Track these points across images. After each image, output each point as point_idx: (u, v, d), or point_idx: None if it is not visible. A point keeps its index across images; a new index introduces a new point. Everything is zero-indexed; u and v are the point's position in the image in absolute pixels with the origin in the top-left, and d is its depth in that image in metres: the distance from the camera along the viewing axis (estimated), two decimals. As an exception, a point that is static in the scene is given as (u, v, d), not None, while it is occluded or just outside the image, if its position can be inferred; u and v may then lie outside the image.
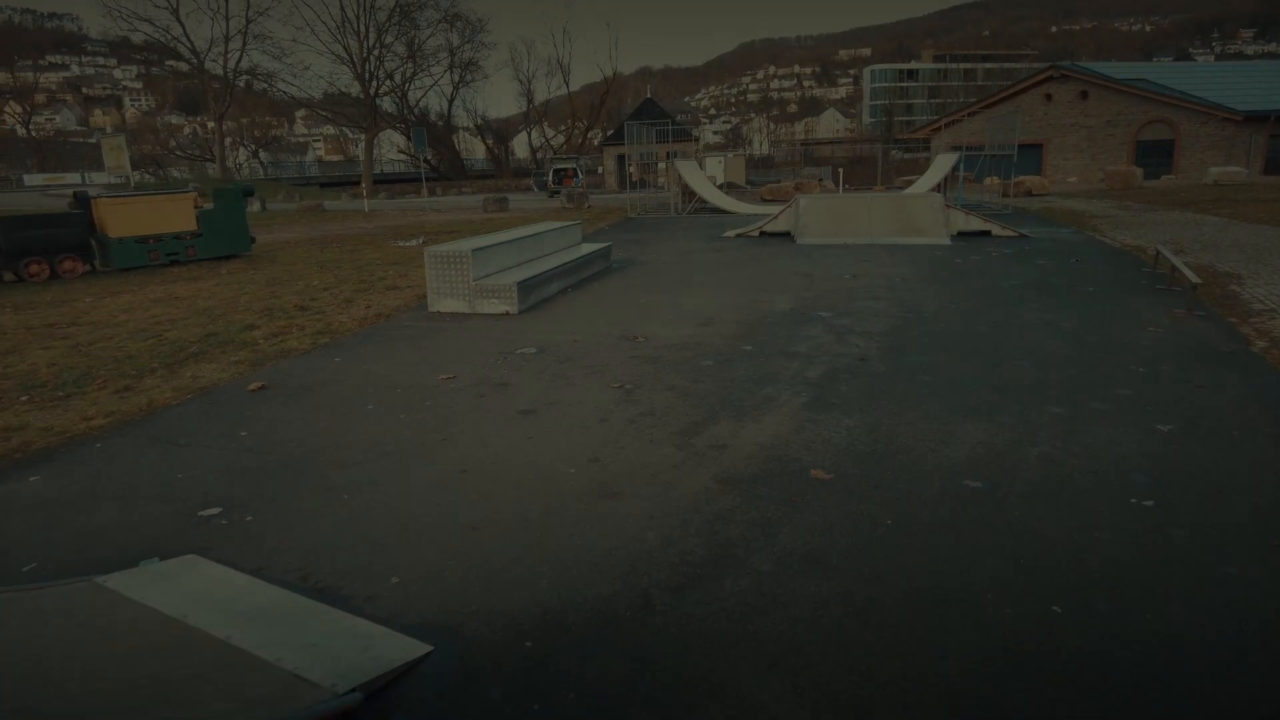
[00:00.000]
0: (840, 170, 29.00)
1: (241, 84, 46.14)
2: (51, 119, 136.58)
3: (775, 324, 7.14)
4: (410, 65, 49.95)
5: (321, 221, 23.91)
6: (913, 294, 8.49)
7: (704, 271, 10.60)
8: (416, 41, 48.59)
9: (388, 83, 49.07)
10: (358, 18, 46.31)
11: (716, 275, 10.22)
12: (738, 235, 15.28)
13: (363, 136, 49.50)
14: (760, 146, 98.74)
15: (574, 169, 35.03)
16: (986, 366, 5.60)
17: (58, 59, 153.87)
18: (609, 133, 45.95)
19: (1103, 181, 29.71)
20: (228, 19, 46.96)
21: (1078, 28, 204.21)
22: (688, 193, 22.57)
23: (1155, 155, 35.76)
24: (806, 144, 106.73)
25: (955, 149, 36.55)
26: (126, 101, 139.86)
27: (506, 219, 22.45)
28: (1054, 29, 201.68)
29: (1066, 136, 37.23)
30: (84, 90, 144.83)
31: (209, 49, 48.08)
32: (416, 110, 54.26)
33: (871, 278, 9.63)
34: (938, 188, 23.16)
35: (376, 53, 47.06)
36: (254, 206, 28.27)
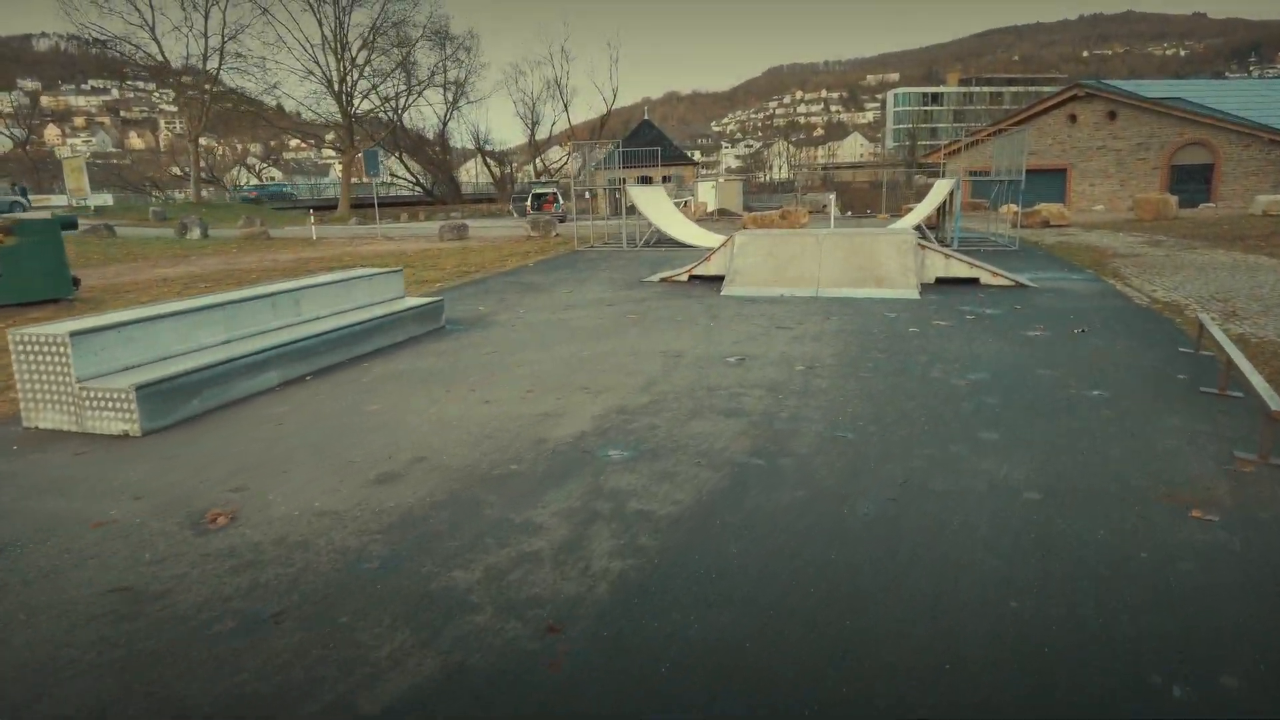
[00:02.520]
0: (832, 195, 25.65)
1: (217, 103, 44.42)
2: (89, 141, 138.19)
3: (508, 481, 3.94)
4: (399, 80, 47.75)
5: (246, 252, 21.17)
6: (803, 402, 5.22)
7: (546, 345, 7.41)
8: (407, 58, 46.44)
9: (373, 96, 46.94)
10: (334, 34, 44.25)
11: (553, 352, 7.03)
12: (662, 280, 12.09)
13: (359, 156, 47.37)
14: (779, 170, 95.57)
15: (554, 194, 32.14)
16: (810, 666, 2.34)
17: (100, 83, 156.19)
18: (602, 156, 43.18)
19: (1132, 210, 26.04)
20: (206, 36, 44.89)
21: (1109, 52, 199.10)
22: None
23: (1192, 181, 31.96)
24: (827, 168, 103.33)
25: (974, 174, 33.16)
26: (162, 124, 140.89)
27: (436, 251, 19.48)
28: (1085, 53, 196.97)
29: (1092, 160, 33.58)
30: (122, 113, 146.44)
31: (185, 62, 46.30)
32: (404, 129, 51.95)
33: (764, 364, 6.36)
34: (936, 215, 19.85)
35: (355, 74, 44.97)
36: (193, 233, 25.72)
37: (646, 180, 44.07)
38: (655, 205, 19.07)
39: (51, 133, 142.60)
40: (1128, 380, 5.66)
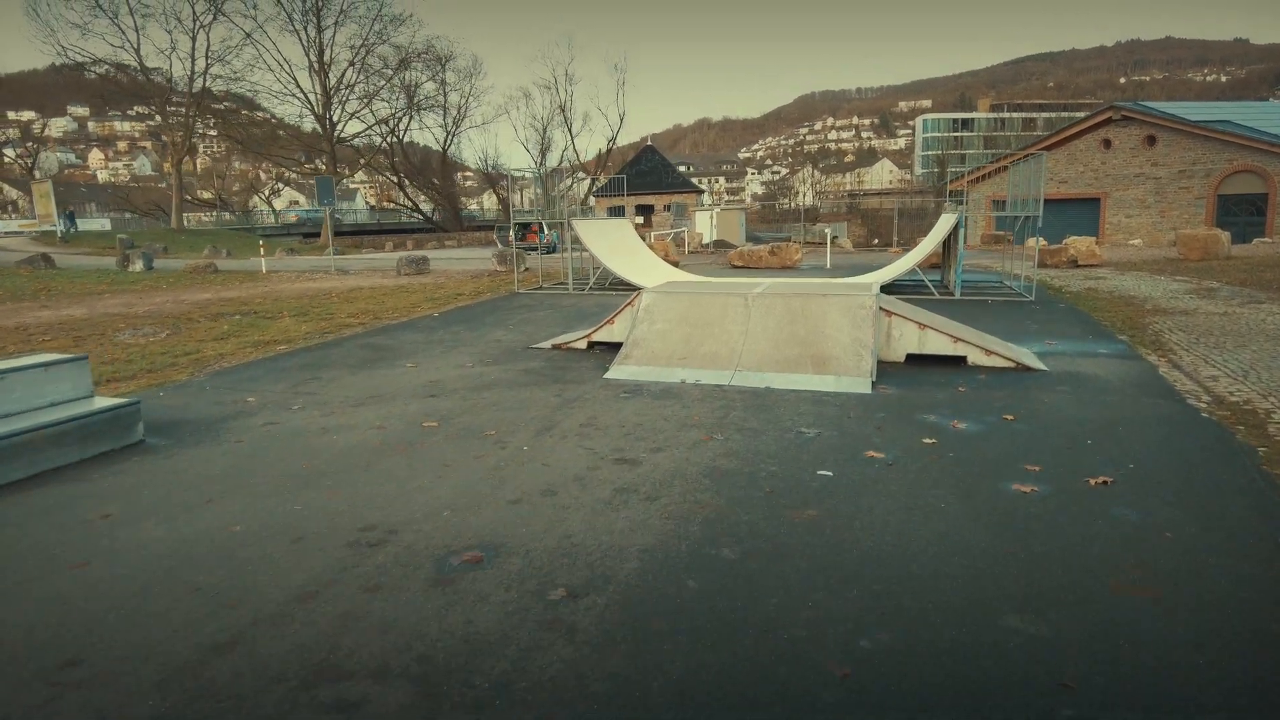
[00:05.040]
0: (829, 229, 22.58)
1: (201, 127, 43.32)
2: (129, 165, 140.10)
3: None
4: (394, 102, 46.00)
5: (168, 290, 18.80)
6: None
7: (201, 502, 4.57)
8: (395, 78, 44.69)
9: (362, 116, 45.33)
10: (317, 58, 42.66)
11: (178, 530, 4.18)
12: (554, 347, 9.23)
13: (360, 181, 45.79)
14: (803, 198, 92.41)
15: (539, 224, 29.49)
16: None
17: (144, 109, 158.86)
18: (600, 184, 40.68)
19: (1174, 245, 22.59)
20: (193, 59, 43.90)
21: (1148, 79, 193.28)
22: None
23: (1242, 212, 28.37)
24: (853, 195, 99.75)
25: (1000, 204, 29.95)
26: (201, 148, 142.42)
27: (363, 291, 16.87)
28: (1122, 80, 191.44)
29: (1129, 189, 30.11)
30: (164, 138, 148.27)
31: (169, 83, 45.18)
32: (405, 154, 50.02)
33: (512, 573, 3.42)
34: (941, 254, 16.79)
35: (339, 96, 43.22)
36: (136, 265, 23.53)
37: (647, 209, 41.40)
38: (606, 241, 16.25)
39: (96, 157, 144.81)
40: (1191, 667, 2.63)
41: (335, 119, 44.03)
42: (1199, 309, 11.47)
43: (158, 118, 45.57)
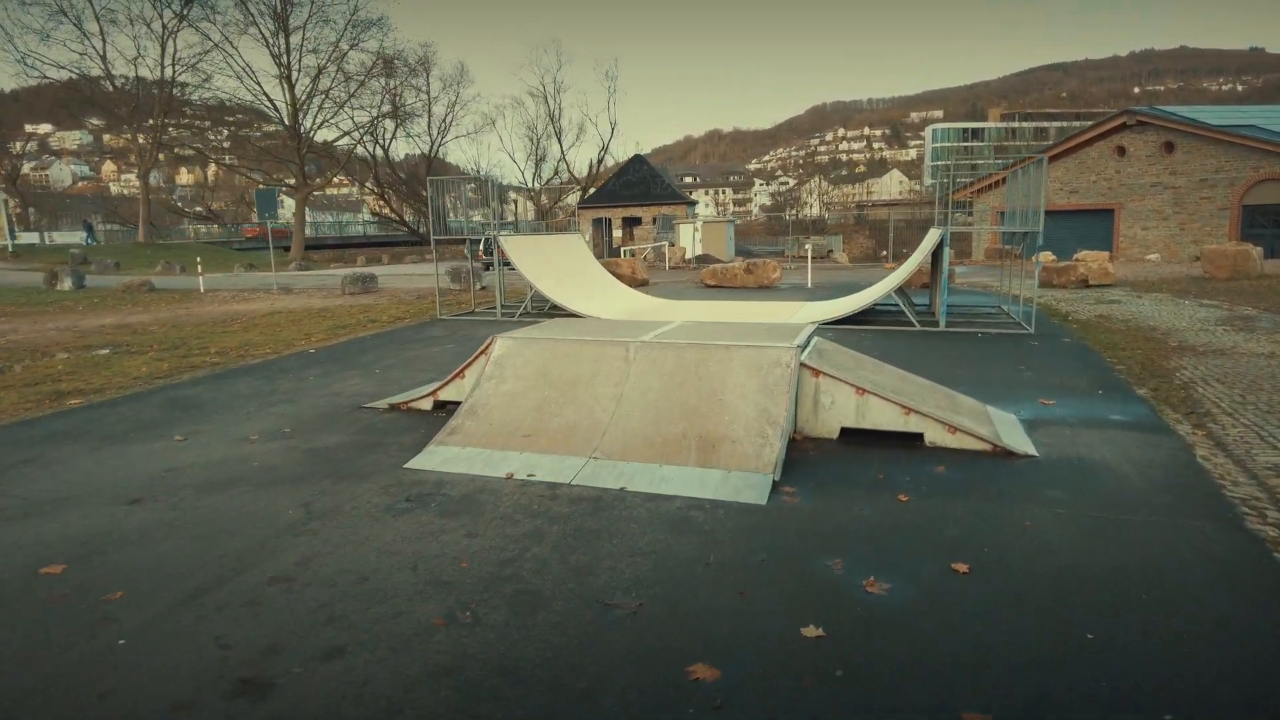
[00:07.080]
0: (810, 243, 20.29)
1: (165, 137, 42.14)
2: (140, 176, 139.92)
3: None
4: (375, 109, 44.37)
5: (73, 314, 16.89)
6: None
7: None
8: (365, 84, 43.09)
9: (334, 126, 43.76)
10: (285, 64, 41.09)
11: None
12: (391, 407, 7.06)
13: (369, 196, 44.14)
14: (810, 209, 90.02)
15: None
16: None
17: (153, 121, 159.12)
18: (588, 194, 38.65)
19: (1197, 261, 20.18)
20: (163, 67, 42.64)
21: (1162, 88, 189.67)
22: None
23: (1269, 224, 25.89)
24: (861, 206, 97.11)
25: (1003, 215, 27.73)
26: (212, 161, 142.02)
27: (278, 318, 14.83)
28: (1136, 89, 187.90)
29: (1145, 200, 27.67)
30: (176, 151, 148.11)
31: (136, 90, 43.87)
32: (390, 163, 48.28)
33: None
34: (931, 272, 14.55)
35: (309, 105, 41.51)
36: (64, 284, 21.66)
37: (634, 222, 39.29)
38: (542, 259, 14.13)
39: (108, 168, 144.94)
40: None
41: (305, 129, 42.43)
42: (1237, 347, 9.16)
43: (128, 131, 43.93)
